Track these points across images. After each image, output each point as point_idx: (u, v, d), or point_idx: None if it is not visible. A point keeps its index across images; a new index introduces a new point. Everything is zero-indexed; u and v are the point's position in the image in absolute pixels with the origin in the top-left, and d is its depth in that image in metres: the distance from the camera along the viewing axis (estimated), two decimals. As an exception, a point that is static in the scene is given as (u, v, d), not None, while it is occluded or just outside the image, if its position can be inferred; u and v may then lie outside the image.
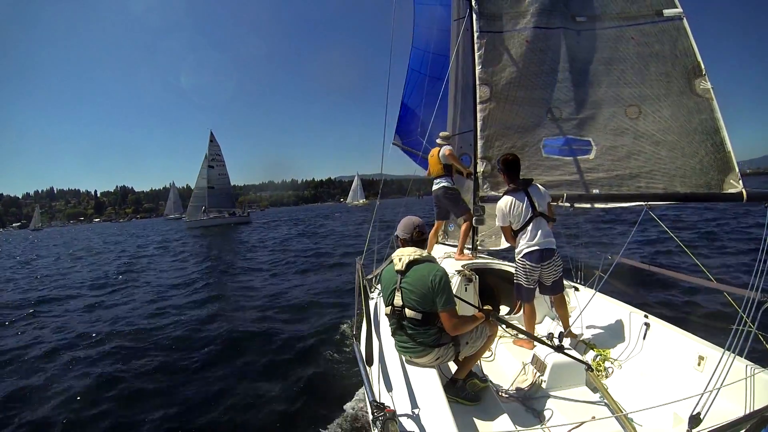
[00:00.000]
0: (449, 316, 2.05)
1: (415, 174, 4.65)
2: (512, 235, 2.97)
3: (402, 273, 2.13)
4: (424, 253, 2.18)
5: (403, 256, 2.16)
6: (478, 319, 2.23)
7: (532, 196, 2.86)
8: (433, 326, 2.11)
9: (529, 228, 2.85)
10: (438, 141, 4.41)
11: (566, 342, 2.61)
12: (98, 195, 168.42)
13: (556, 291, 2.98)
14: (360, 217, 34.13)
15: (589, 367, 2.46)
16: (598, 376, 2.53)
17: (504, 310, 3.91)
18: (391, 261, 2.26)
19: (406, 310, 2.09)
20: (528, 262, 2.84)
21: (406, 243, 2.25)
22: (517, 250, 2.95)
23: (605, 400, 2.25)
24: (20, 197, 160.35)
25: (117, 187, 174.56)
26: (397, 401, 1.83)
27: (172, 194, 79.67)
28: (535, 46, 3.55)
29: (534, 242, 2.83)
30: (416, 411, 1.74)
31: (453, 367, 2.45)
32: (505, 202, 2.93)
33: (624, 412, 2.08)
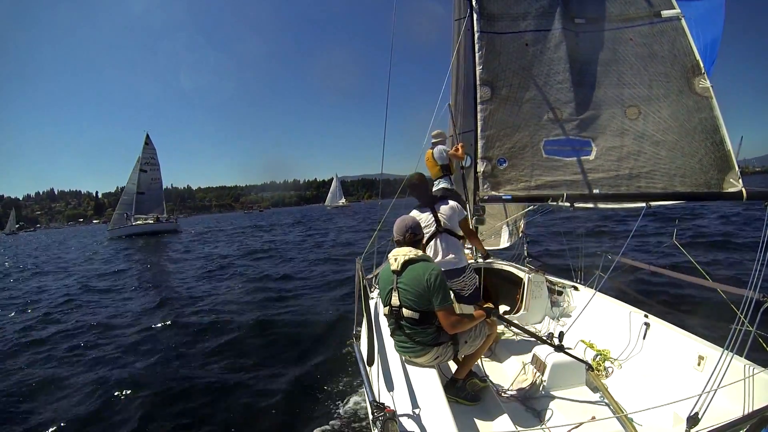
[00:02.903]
0: (446, 314, 2.05)
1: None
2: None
3: (398, 273, 2.14)
4: (420, 252, 2.19)
5: (398, 256, 2.17)
6: (477, 318, 2.23)
7: (437, 212, 2.88)
8: (431, 325, 2.11)
9: (431, 244, 2.84)
10: (433, 140, 4.41)
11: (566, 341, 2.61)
12: (99, 196, 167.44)
13: (471, 302, 2.84)
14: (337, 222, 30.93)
15: (589, 367, 2.46)
16: (598, 375, 2.53)
17: (504, 309, 3.91)
18: (388, 262, 2.27)
19: (404, 309, 2.10)
20: None
21: (400, 244, 2.25)
22: None
23: (605, 400, 2.26)
24: (21, 198, 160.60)
25: (118, 188, 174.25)
26: (397, 401, 1.84)
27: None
28: (535, 47, 3.55)
29: (435, 260, 2.75)
30: (416, 411, 1.74)
31: (453, 367, 2.45)
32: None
33: (624, 412, 2.08)
